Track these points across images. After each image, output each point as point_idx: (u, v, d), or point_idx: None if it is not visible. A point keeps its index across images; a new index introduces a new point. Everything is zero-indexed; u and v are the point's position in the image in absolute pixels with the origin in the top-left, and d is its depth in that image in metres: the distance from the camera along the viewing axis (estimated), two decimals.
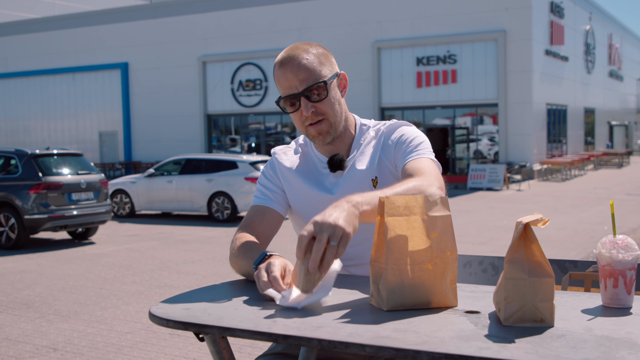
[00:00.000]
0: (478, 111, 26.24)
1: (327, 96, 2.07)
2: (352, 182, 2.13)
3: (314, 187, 2.19)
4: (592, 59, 34.85)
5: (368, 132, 2.22)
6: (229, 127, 31.16)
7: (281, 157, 2.28)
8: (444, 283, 1.66)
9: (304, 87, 2.04)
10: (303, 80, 2.03)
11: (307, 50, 2.07)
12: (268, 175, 2.28)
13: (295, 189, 2.22)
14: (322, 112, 2.08)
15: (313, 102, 2.06)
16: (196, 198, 15.18)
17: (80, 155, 12.52)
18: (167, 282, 8.20)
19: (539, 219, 1.54)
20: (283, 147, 2.33)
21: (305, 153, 2.27)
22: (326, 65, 2.09)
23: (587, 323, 1.48)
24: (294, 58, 2.05)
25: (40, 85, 34.57)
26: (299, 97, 2.05)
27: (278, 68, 2.08)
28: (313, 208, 2.16)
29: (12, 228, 11.22)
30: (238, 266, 2.04)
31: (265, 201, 2.22)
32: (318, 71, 2.05)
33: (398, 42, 26.56)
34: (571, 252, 9.79)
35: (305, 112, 2.06)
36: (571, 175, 26.76)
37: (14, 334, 5.99)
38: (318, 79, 2.05)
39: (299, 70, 2.03)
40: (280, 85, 2.08)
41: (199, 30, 30.34)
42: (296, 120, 2.12)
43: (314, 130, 2.10)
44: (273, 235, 2.22)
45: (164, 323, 1.61)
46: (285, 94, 2.07)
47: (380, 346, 1.36)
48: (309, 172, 2.23)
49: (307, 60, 2.05)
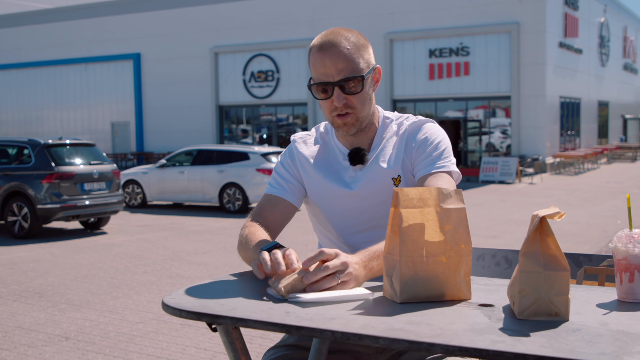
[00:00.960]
0: (491, 104, 26.11)
1: (361, 91, 2.02)
2: (373, 179, 2.10)
3: (333, 181, 2.14)
4: (607, 52, 34.59)
5: (390, 125, 2.17)
6: (240, 118, 31.18)
7: (301, 146, 2.23)
8: (458, 276, 1.65)
9: (340, 77, 1.98)
10: (341, 70, 1.98)
11: (349, 39, 2.00)
12: (285, 164, 2.23)
13: (313, 180, 2.18)
14: (352, 105, 2.03)
15: (346, 93, 2.00)
16: (208, 189, 15.20)
17: (93, 145, 12.56)
18: (178, 273, 8.23)
19: (555, 212, 1.53)
20: (303, 134, 2.27)
21: (326, 143, 2.22)
22: (365, 57, 2.03)
23: (603, 317, 1.47)
24: (335, 45, 1.98)
25: (53, 76, 34.70)
26: (333, 86, 2.00)
27: (317, 51, 2.01)
28: (330, 201, 2.15)
29: (25, 217, 11.29)
30: (244, 254, 2.02)
31: (279, 191, 2.18)
32: (357, 63, 1.99)
33: (411, 33, 26.45)
34: (584, 246, 9.74)
35: (337, 103, 2.01)
36: (584, 169, 26.60)
37: (27, 322, 6.03)
38: (356, 72, 1.99)
39: (338, 59, 1.98)
40: (316, 69, 2.02)
41: (211, 21, 30.33)
42: (325, 108, 2.07)
43: (341, 120, 2.05)
44: (284, 226, 2.20)
45: (177, 313, 1.62)
46: (319, 79, 2.02)
47: (394, 338, 1.35)
48: (328, 164, 2.18)
49: (348, 50, 1.98)
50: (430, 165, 2.04)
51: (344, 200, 2.13)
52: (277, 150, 15.46)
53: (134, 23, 32.16)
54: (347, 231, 2.15)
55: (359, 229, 2.13)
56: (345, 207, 2.12)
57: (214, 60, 30.43)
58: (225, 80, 30.44)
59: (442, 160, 2.05)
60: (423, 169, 2.05)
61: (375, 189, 2.09)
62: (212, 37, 30.38)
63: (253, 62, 29.71)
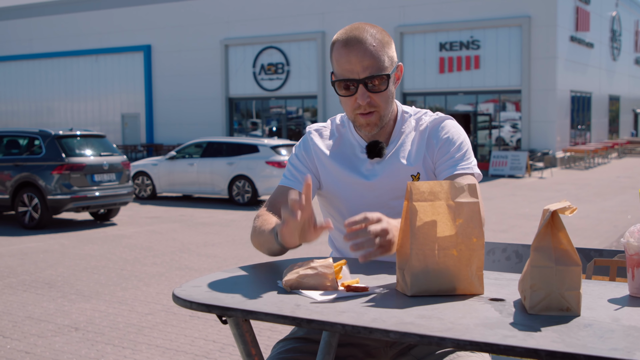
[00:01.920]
0: (501, 98, 26.00)
1: (386, 89, 1.99)
2: (392, 174, 2.08)
3: (350, 172, 2.12)
4: (618, 46, 34.36)
5: (409, 120, 2.15)
6: (250, 111, 31.18)
7: (316, 137, 2.20)
8: (470, 270, 1.64)
9: (366, 75, 1.95)
10: (367, 67, 1.95)
11: (374, 35, 1.97)
12: (300, 156, 2.21)
13: (329, 170, 2.16)
14: (376, 104, 2.00)
15: (371, 92, 1.98)
16: (217, 181, 15.23)
17: (103, 136, 12.59)
18: (187, 265, 8.25)
19: (566, 206, 1.52)
20: (319, 126, 2.24)
21: (343, 135, 2.19)
22: (389, 54, 2.00)
23: (614, 313, 1.46)
24: (361, 41, 1.95)
25: (63, 67, 34.79)
26: (357, 84, 1.97)
27: (342, 47, 1.97)
28: (347, 192, 2.13)
29: (36, 208, 11.34)
30: (259, 240, 2.02)
31: (293, 183, 2.17)
32: (382, 60, 1.97)
33: (421, 27, 26.35)
34: (594, 241, 9.70)
35: (361, 101, 1.98)
36: (594, 164, 26.48)
37: (37, 312, 6.07)
38: (381, 70, 1.96)
39: (364, 56, 1.95)
40: (340, 65, 1.98)
41: (221, 14, 30.31)
42: (347, 105, 2.03)
43: (364, 120, 2.02)
44: None
45: (187, 305, 1.62)
46: (343, 76, 1.98)
47: (405, 332, 1.35)
48: (345, 156, 2.16)
49: (374, 47, 1.96)
50: (454, 167, 2.04)
51: (361, 192, 2.11)
52: (287, 142, 15.45)
53: (145, 15, 32.17)
54: None
55: None
56: (362, 199, 2.11)
57: (224, 52, 30.41)
58: (235, 73, 30.43)
59: (465, 162, 2.06)
60: (446, 170, 2.05)
61: (394, 184, 2.08)
62: (223, 29, 30.37)
63: (263, 54, 29.69)
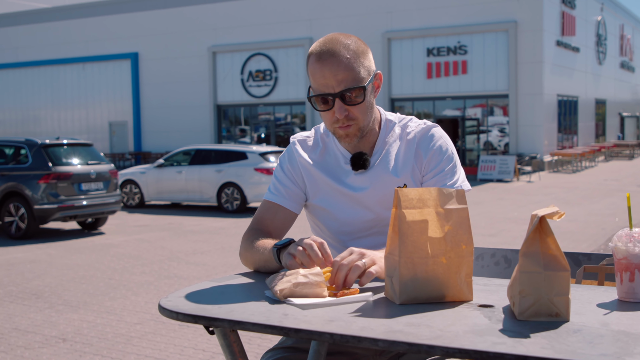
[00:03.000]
0: (488, 102, 26.11)
1: (363, 101, 1.96)
2: (379, 185, 2.06)
3: (337, 184, 2.10)
4: (604, 50, 34.60)
5: (393, 129, 2.12)
6: (238, 118, 31.14)
7: (301, 148, 2.18)
8: (459, 277, 1.63)
9: (341, 89, 1.92)
10: (341, 81, 1.91)
11: (348, 47, 1.94)
12: (285, 168, 2.18)
13: (316, 182, 2.14)
14: (354, 117, 1.97)
15: (348, 104, 1.95)
16: (206, 189, 15.19)
17: (90, 145, 12.53)
18: (176, 273, 8.21)
19: (554, 212, 1.51)
20: (303, 136, 2.21)
21: (327, 145, 2.16)
22: (365, 64, 1.97)
23: (603, 317, 1.45)
24: (334, 54, 1.92)
25: (50, 75, 34.64)
26: (334, 98, 1.93)
27: (315, 61, 1.94)
28: (334, 204, 2.12)
29: (22, 218, 11.26)
30: (252, 258, 2.01)
31: (278, 198, 2.14)
32: (357, 72, 1.93)
33: (408, 32, 26.44)
34: (582, 244, 9.74)
35: (339, 115, 1.94)
36: (582, 167, 26.61)
37: (24, 324, 6.01)
38: (357, 82, 1.93)
39: (338, 69, 1.91)
40: (315, 80, 1.95)
41: (209, 20, 30.29)
42: (326, 119, 2.01)
43: (343, 132, 2.00)
44: (285, 232, 2.18)
45: (173, 316, 1.60)
46: (319, 91, 1.95)
47: (393, 340, 1.34)
48: (329, 167, 2.13)
49: (348, 59, 1.92)
50: (443, 183, 2.05)
51: (347, 204, 2.10)
52: (276, 149, 15.43)
53: (132, 22, 32.11)
54: (349, 236, 2.11)
55: (361, 235, 2.10)
56: (348, 211, 2.09)
57: (212, 59, 30.39)
58: (224, 80, 30.40)
59: (454, 177, 2.07)
60: (436, 184, 2.04)
61: (381, 197, 2.06)
62: (210, 36, 30.35)
63: (251, 61, 29.68)
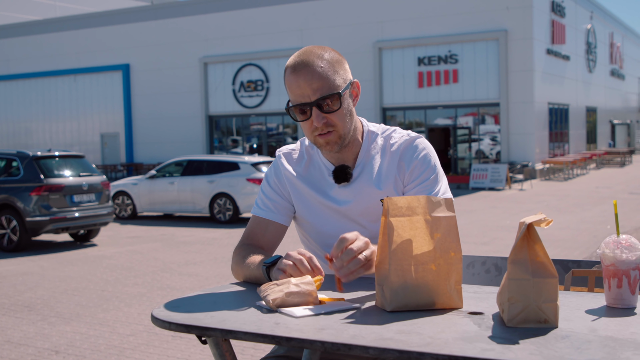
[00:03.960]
0: (480, 111, 26.21)
1: (339, 108, 1.99)
2: (363, 199, 2.08)
3: (322, 197, 2.12)
4: (594, 58, 34.81)
5: (376, 140, 2.14)
6: (230, 128, 31.15)
7: (286, 161, 2.20)
8: (449, 284, 1.65)
9: (316, 97, 1.95)
10: (316, 89, 1.95)
11: (322, 57, 1.98)
12: (271, 182, 2.20)
13: (301, 195, 2.16)
14: (333, 123, 2.00)
15: (325, 112, 1.98)
16: (198, 199, 15.17)
17: (82, 157, 12.51)
18: (169, 284, 8.20)
19: (542, 219, 1.53)
20: (288, 149, 2.24)
21: (312, 157, 2.19)
22: (340, 73, 2.00)
23: (591, 323, 1.47)
24: (307, 64, 1.96)
25: (41, 87, 34.60)
26: (310, 107, 1.97)
27: (290, 73, 1.98)
28: (318, 218, 2.14)
29: (14, 230, 11.22)
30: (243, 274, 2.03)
31: (267, 213, 2.16)
32: (332, 80, 1.97)
33: (399, 42, 26.55)
34: (574, 252, 9.77)
35: (317, 123, 1.98)
36: (573, 175, 26.72)
37: (16, 336, 5.99)
38: (332, 90, 1.96)
39: (312, 79, 1.95)
40: (292, 91, 1.99)
41: (200, 32, 30.35)
42: (305, 129, 2.04)
43: (323, 140, 2.02)
44: (277, 246, 2.20)
45: (166, 326, 1.61)
46: (296, 101, 1.99)
47: (384, 348, 1.35)
48: (314, 180, 2.16)
49: (322, 68, 1.96)
50: (425, 191, 2.03)
51: (332, 217, 2.12)
52: (268, 159, 15.44)
53: (123, 34, 32.13)
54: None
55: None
56: (334, 224, 2.11)
57: (203, 70, 30.42)
58: (215, 90, 30.43)
59: (437, 187, 2.05)
60: (418, 194, 2.03)
61: (364, 209, 2.08)
62: (202, 47, 30.39)
63: (242, 71, 29.73)
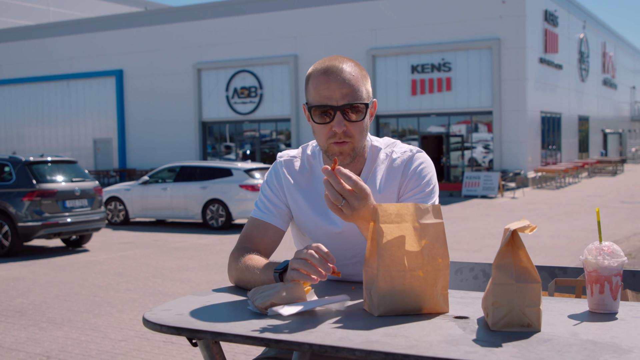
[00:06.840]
0: (473, 119, 26.32)
1: (363, 119, 1.98)
2: None
3: (319, 215, 2.11)
4: (586, 67, 35.00)
5: (379, 155, 2.13)
6: (223, 135, 31.16)
7: (286, 169, 2.17)
8: (435, 290, 1.68)
9: (344, 102, 1.94)
10: (345, 95, 1.94)
11: (353, 67, 1.99)
12: (272, 186, 2.17)
13: (299, 208, 2.14)
14: (351, 134, 1.98)
15: (348, 120, 1.96)
16: (191, 205, 15.17)
17: (75, 162, 12.50)
18: (161, 290, 8.20)
19: (526, 225, 1.57)
20: (289, 155, 2.21)
21: (313, 168, 2.17)
22: (367, 87, 2.01)
23: (573, 328, 1.51)
24: (340, 70, 1.96)
25: (34, 92, 34.53)
26: (335, 110, 1.95)
27: (321, 74, 1.97)
28: (315, 235, 2.13)
29: (6, 235, 11.20)
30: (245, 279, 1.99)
31: (267, 216, 2.14)
32: (361, 91, 1.97)
33: (393, 50, 26.64)
34: (565, 260, 9.82)
35: (337, 129, 1.95)
36: (565, 183, 26.82)
37: (7, 342, 5.98)
38: (360, 99, 1.96)
39: (343, 84, 1.95)
40: (318, 92, 1.96)
41: (193, 38, 30.37)
42: (321, 134, 2.00)
43: (338, 148, 1.99)
44: (274, 250, 2.19)
45: (157, 328, 1.63)
46: (321, 102, 1.96)
47: (370, 350, 1.38)
48: (315, 193, 2.14)
49: (353, 77, 1.97)
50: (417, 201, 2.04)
51: (329, 237, 2.11)
52: (261, 166, 15.46)
53: (117, 39, 32.12)
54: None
55: (343, 263, 2.10)
56: (331, 242, 2.09)
57: (196, 76, 30.44)
58: (208, 97, 30.44)
59: (429, 201, 2.05)
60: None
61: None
62: (195, 54, 30.41)
63: (236, 78, 29.76)
